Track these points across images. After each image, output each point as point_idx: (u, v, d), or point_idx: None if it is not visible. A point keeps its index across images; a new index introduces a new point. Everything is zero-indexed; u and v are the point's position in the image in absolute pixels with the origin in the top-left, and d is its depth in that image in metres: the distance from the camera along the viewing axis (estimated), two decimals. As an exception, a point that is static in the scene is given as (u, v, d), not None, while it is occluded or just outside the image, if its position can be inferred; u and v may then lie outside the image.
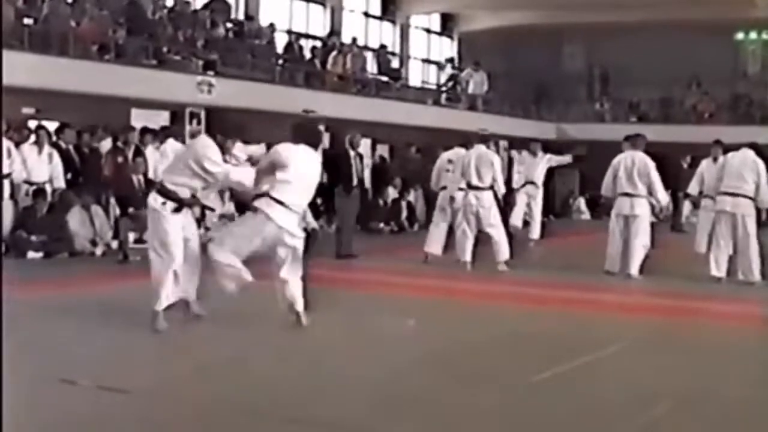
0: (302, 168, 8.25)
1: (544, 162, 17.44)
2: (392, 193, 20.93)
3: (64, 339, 7.68)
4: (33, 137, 14.51)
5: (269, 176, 8.12)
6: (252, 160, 8.56)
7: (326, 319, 8.50)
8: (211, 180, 8.01)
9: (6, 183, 13.68)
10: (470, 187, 13.18)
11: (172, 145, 16.10)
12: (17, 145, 14.15)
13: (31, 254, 13.39)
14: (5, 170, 13.58)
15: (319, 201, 19.18)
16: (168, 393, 6.09)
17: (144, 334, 7.80)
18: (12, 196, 13.84)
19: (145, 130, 15.56)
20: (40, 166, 14.10)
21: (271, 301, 8.20)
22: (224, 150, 8.11)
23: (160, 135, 15.67)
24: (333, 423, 5.52)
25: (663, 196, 12.88)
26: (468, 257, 13.21)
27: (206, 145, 8.04)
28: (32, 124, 15.29)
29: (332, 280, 11.10)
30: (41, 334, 7.86)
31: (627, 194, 12.49)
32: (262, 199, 8.09)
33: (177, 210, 7.94)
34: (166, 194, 7.95)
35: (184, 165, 8.05)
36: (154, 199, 7.98)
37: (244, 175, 8.13)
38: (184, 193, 7.98)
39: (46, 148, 14.23)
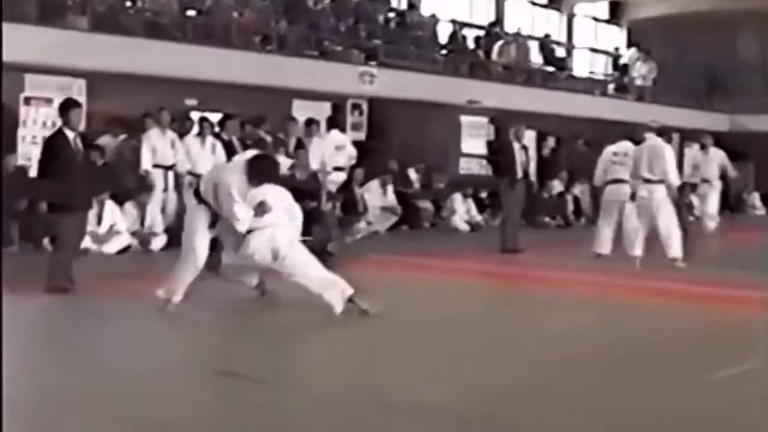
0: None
1: (717, 159, 16.65)
2: (558, 186, 20.42)
3: (218, 330, 7.72)
4: (196, 129, 14.53)
5: None
6: None
7: (491, 315, 8.28)
8: None
9: (170, 174, 13.78)
10: (642, 180, 12.42)
11: (335, 136, 16.02)
12: (181, 136, 14.23)
13: None
14: (170, 161, 13.61)
15: (483, 194, 18.96)
16: (304, 384, 6.02)
17: (290, 325, 7.74)
18: (176, 187, 13.88)
19: (310, 121, 15.40)
20: (204, 157, 13.98)
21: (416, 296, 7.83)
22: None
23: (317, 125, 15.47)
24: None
25: None
26: (638, 252, 12.47)
27: None
28: (195, 115, 15.32)
29: (496, 275, 10.86)
30: (197, 326, 7.88)
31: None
32: None
33: None
34: None
35: None
36: None
37: None
38: None
39: (209, 140, 14.16)
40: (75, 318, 8.21)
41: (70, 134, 9.30)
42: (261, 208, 7.96)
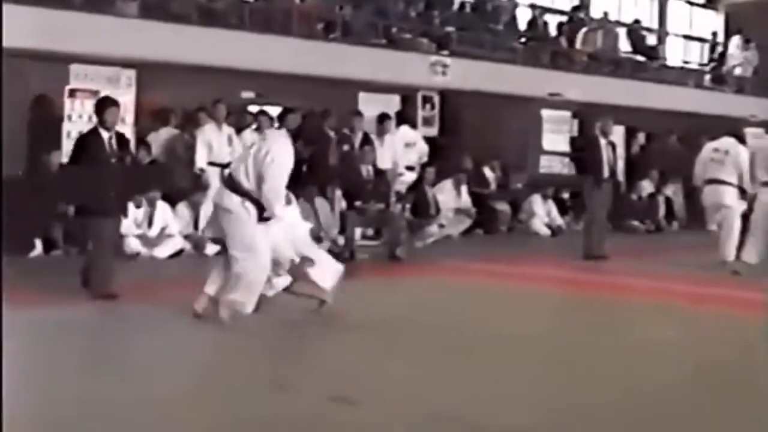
0: None
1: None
2: (648, 186, 20.24)
3: (277, 340, 7.67)
4: (254, 124, 14.54)
5: None
6: None
7: (573, 329, 8.17)
8: None
9: (226, 173, 13.62)
10: (761, 183, 12.12)
11: (405, 132, 15.95)
12: (238, 131, 14.25)
13: None
14: (226, 159, 13.56)
15: (566, 195, 18.77)
16: (380, 400, 5.89)
17: (358, 337, 7.68)
18: None
19: (383, 117, 15.67)
20: None
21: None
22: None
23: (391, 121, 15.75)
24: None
25: None
26: (750, 258, 12.12)
27: None
28: (252, 109, 15.39)
29: (579, 284, 10.90)
30: (259, 335, 7.80)
31: None
32: None
33: None
34: None
35: None
36: None
37: None
38: None
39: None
40: (115, 327, 8.19)
41: (105, 134, 9.35)
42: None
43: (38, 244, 12.37)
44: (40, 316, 8.14)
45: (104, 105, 9.50)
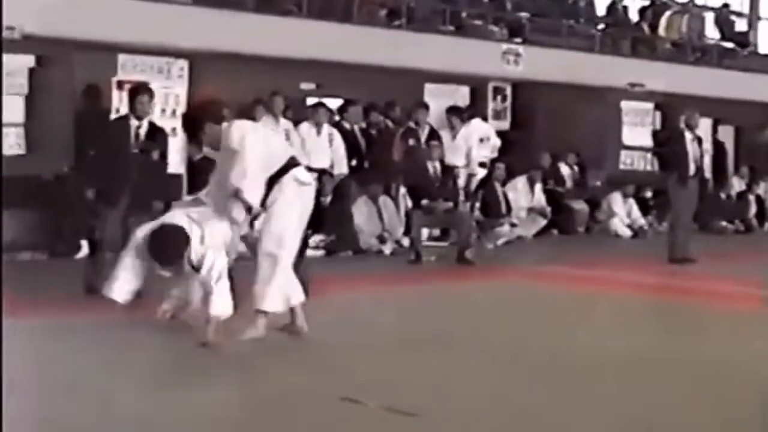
0: None
1: None
2: (738, 184, 20.32)
3: (342, 350, 7.46)
4: (313, 117, 14.48)
5: None
6: None
7: (658, 339, 8.02)
8: None
9: None
10: None
11: (478, 126, 15.88)
12: (296, 124, 14.23)
13: (309, 251, 13.12)
14: None
15: (648, 194, 18.60)
16: (454, 417, 5.75)
17: (428, 350, 7.46)
18: None
19: (455, 110, 15.81)
20: (320, 149, 13.96)
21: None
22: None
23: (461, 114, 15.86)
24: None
25: None
26: None
27: None
28: (312, 101, 15.34)
29: (663, 289, 10.97)
30: (318, 344, 7.66)
31: None
32: None
33: None
34: None
35: None
36: None
37: None
38: None
39: (326, 129, 14.14)
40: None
41: (134, 123, 9.52)
42: None
43: (84, 245, 12.34)
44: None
45: (134, 92, 9.66)
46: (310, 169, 13.59)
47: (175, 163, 13.16)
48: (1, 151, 11.95)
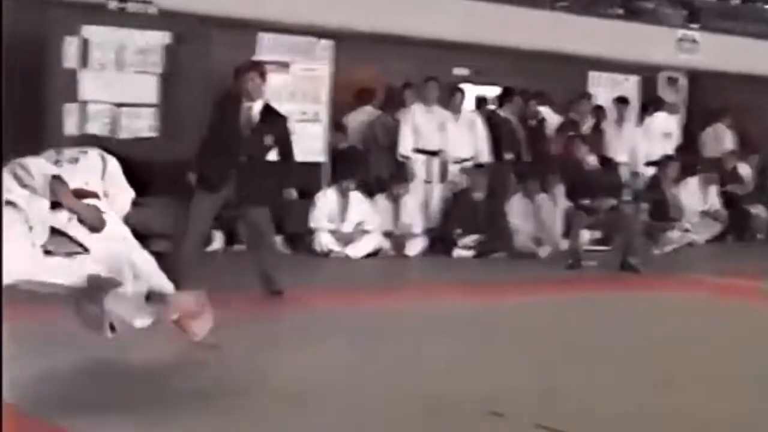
0: None
1: None
2: None
3: (485, 359, 7.33)
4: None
5: None
6: None
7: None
8: None
9: (435, 162, 13.86)
10: None
11: (660, 121, 15.99)
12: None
13: (457, 252, 13.33)
14: (436, 146, 13.71)
15: None
16: None
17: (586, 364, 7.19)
18: (443, 178, 13.91)
19: (622, 101, 15.87)
20: (458, 136, 14.03)
21: None
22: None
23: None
24: None
25: None
26: None
27: None
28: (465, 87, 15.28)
29: None
30: (462, 351, 7.53)
31: None
32: None
33: None
34: None
35: None
36: None
37: None
38: None
39: (467, 115, 14.28)
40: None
41: (246, 104, 9.32)
42: None
43: (218, 237, 12.43)
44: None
45: (240, 70, 9.46)
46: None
47: (316, 151, 13.18)
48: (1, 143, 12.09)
